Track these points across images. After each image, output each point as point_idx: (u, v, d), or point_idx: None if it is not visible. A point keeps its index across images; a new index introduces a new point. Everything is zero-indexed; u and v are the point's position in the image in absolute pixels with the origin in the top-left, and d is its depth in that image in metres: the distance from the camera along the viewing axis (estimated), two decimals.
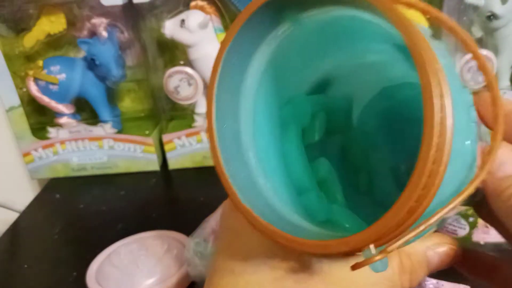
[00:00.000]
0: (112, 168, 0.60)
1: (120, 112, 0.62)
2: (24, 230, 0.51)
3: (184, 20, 0.51)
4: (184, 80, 0.55)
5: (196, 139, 0.57)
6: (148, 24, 0.55)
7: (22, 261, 0.45)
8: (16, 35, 0.58)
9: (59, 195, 0.57)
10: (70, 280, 0.41)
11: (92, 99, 0.59)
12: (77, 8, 0.56)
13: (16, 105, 0.57)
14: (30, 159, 0.60)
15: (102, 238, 0.46)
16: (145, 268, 0.38)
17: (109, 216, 0.50)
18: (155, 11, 0.55)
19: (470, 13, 0.51)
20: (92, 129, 0.58)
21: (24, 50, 0.59)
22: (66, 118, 0.59)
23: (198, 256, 0.36)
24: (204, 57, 0.54)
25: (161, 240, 0.41)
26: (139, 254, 0.39)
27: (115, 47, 0.55)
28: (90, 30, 0.55)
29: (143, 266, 0.38)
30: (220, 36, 0.54)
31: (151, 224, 0.48)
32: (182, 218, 0.48)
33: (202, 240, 0.37)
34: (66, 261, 0.44)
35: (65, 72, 0.56)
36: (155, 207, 0.51)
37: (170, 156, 0.58)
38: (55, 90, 0.57)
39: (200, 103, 0.58)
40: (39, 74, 0.56)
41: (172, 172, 0.59)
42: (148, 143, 0.58)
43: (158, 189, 0.56)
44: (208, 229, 0.38)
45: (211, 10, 0.53)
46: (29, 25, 0.57)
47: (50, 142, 0.59)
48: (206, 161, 0.59)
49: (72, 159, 0.60)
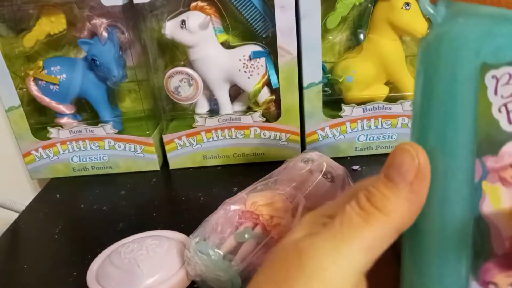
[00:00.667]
0: (112, 168, 0.60)
1: (121, 112, 0.62)
2: (24, 230, 0.51)
3: (184, 20, 0.51)
4: (185, 80, 0.55)
5: (197, 139, 0.57)
6: (148, 25, 0.55)
7: (22, 261, 0.45)
8: (16, 35, 0.58)
9: (60, 195, 0.57)
10: (70, 280, 0.41)
11: (92, 99, 0.59)
12: (77, 8, 0.56)
13: (16, 105, 0.57)
14: (30, 159, 0.60)
15: (102, 238, 0.46)
16: (145, 267, 0.38)
17: (110, 216, 0.51)
18: (155, 11, 0.55)
19: None
20: (93, 129, 0.58)
21: (24, 50, 0.59)
22: (66, 118, 0.59)
23: (198, 255, 0.36)
24: (204, 58, 0.54)
25: (161, 240, 0.41)
26: (140, 253, 0.39)
27: (116, 48, 0.55)
28: (90, 30, 0.55)
29: (143, 266, 0.38)
30: (220, 37, 0.54)
31: (151, 224, 0.48)
32: (182, 218, 0.48)
33: (202, 240, 0.37)
34: (66, 261, 0.44)
35: (65, 72, 0.57)
36: (156, 207, 0.51)
37: (170, 156, 0.59)
38: (56, 90, 0.57)
39: (200, 103, 0.58)
40: (39, 74, 0.56)
41: (172, 172, 0.59)
42: (148, 143, 0.58)
43: (158, 189, 0.56)
44: (209, 229, 0.38)
45: (211, 11, 0.53)
46: (29, 25, 0.57)
47: (50, 142, 0.59)
48: (206, 161, 0.59)
49: (72, 159, 0.60)
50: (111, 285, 0.38)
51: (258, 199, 0.40)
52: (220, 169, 0.58)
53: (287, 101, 0.54)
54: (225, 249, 0.37)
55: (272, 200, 0.40)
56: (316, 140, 0.56)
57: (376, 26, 0.53)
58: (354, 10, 0.55)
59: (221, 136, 0.57)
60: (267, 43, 0.55)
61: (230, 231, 0.38)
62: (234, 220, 0.39)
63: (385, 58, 0.54)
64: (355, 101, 0.55)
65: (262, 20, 0.54)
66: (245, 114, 0.56)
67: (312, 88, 0.53)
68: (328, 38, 0.57)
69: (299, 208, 0.39)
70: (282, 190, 0.41)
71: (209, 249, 0.36)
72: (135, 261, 0.38)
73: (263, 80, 0.55)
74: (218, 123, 0.56)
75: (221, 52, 0.54)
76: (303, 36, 0.50)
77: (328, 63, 0.58)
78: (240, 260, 0.36)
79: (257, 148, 0.58)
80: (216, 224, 0.38)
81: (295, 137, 0.56)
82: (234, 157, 0.58)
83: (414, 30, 0.51)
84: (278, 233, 0.37)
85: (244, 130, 0.56)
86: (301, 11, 0.49)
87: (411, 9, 0.51)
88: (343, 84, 0.56)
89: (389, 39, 0.53)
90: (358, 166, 0.54)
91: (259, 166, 0.57)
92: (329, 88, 0.58)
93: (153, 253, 0.39)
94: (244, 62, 0.54)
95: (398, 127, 0.55)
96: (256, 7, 0.53)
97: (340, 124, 0.55)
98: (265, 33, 0.55)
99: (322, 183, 0.41)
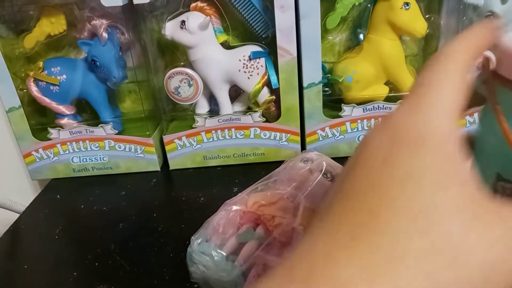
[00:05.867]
0: (113, 169, 0.60)
1: (121, 113, 0.62)
2: (25, 230, 0.51)
3: (184, 21, 0.51)
4: (185, 81, 0.55)
5: (197, 140, 0.57)
6: (148, 25, 0.55)
7: (22, 261, 0.45)
8: (16, 36, 0.58)
9: (60, 196, 0.57)
10: (70, 280, 0.41)
11: (93, 100, 0.59)
12: (77, 9, 0.56)
13: (17, 106, 0.57)
14: (31, 160, 0.60)
15: (102, 238, 0.46)
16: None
17: (110, 216, 0.51)
18: (155, 12, 0.55)
19: (469, 13, 0.51)
20: (93, 130, 0.58)
21: (25, 51, 0.59)
22: (67, 119, 0.59)
23: (201, 256, 0.36)
24: (204, 58, 0.54)
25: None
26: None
27: (116, 48, 0.55)
28: (90, 31, 0.55)
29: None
30: (220, 37, 0.54)
31: (151, 224, 0.48)
32: (182, 218, 0.48)
33: (204, 241, 0.37)
34: (66, 261, 0.44)
35: (66, 73, 0.57)
36: (156, 207, 0.51)
37: (171, 156, 0.59)
38: (56, 91, 0.57)
39: (200, 103, 0.58)
40: (40, 75, 0.56)
41: (172, 172, 0.59)
42: (148, 144, 0.58)
43: (158, 190, 0.56)
44: (211, 230, 0.38)
45: (211, 11, 0.53)
46: (30, 26, 0.57)
47: (51, 143, 0.59)
48: (206, 162, 0.59)
49: (73, 160, 0.60)
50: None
51: (259, 199, 0.40)
52: (220, 169, 0.58)
53: (287, 101, 0.54)
54: (228, 249, 0.37)
55: (273, 200, 0.40)
56: (316, 140, 0.56)
57: (375, 26, 0.53)
58: (354, 10, 0.55)
59: (221, 136, 0.57)
60: (267, 43, 0.55)
61: (232, 231, 0.38)
62: (236, 220, 0.39)
63: (385, 58, 0.54)
64: (355, 101, 0.56)
65: (262, 20, 0.54)
66: (245, 114, 0.56)
67: (312, 88, 0.53)
68: (328, 38, 0.57)
69: (300, 208, 0.39)
70: (282, 190, 0.41)
71: (212, 250, 0.36)
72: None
73: (263, 80, 0.55)
74: (218, 124, 0.56)
75: (221, 52, 0.54)
76: (303, 36, 0.50)
77: (328, 63, 0.58)
78: (243, 261, 0.35)
79: (257, 148, 0.58)
80: (217, 225, 0.38)
81: (295, 137, 0.56)
82: (234, 157, 0.58)
83: (413, 30, 0.52)
84: (280, 233, 0.37)
85: (244, 130, 0.56)
86: (301, 11, 0.49)
87: (410, 9, 0.51)
88: (343, 84, 0.56)
89: (389, 39, 0.53)
90: None
91: (259, 166, 0.57)
92: (329, 88, 0.58)
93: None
94: (244, 63, 0.54)
95: None
96: (256, 7, 0.53)
97: (340, 124, 0.55)
98: (265, 33, 0.55)
99: (322, 183, 0.41)
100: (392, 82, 0.56)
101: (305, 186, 0.41)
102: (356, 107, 0.54)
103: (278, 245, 0.36)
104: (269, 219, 0.38)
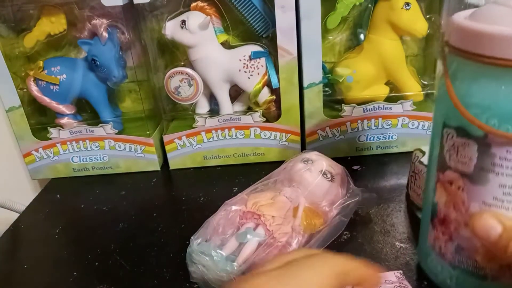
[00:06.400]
0: (113, 168, 0.60)
1: (121, 112, 0.62)
2: (25, 230, 0.51)
3: (184, 21, 0.51)
4: (185, 80, 0.55)
5: (197, 140, 0.57)
6: (148, 25, 0.55)
7: (22, 261, 0.45)
8: (16, 36, 0.58)
9: (60, 195, 0.57)
10: (70, 280, 0.41)
11: (93, 99, 0.59)
12: (77, 8, 0.56)
13: (17, 105, 0.57)
14: (31, 159, 0.60)
15: (102, 238, 0.46)
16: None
17: (110, 216, 0.50)
18: (155, 12, 0.55)
19: None
20: (93, 129, 0.58)
21: (25, 51, 0.59)
22: (67, 118, 0.59)
23: (200, 256, 0.36)
24: (204, 58, 0.54)
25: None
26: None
27: (116, 48, 0.55)
28: (90, 30, 0.55)
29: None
30: (220, 37, 0.54)
31: (151, 224, 0.48)
32: (182, 218, 0.48)
33: (204, 241, 0.37)
34: (66, 261, 0.44)
35: (66, 72, 0.57)
36: (156, 207, 0.51)
37: (171, 156, 0.59)
38: (56, 91, 0.57)
39: (201, 103, 0.58)
40: (40, 74, 0.56)
41: (172, 172, 0.59)
42: (148, 144, 0.58)
43: (158, 189, 0.56)
44: (210, 230, 0.38)
45: (211, 11, 0.53)
46: (30, 25, 0.57)
47: (51, 142, 0.59)
48: (206, 161, 0.59)
49: (73, 159, 0.60)
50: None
51: (259, 199, 0.40)
52: (220, 169, 0.58)
53: (287, 101, 0.54)
54: (227, 249, 0.37)
55: (273, 201, 0.40)
56: (316, 140, 0.56)
57: (376, 26, 0.53)
58: (354, 10, 0.55)
59: (221, 136, 0.57)
60: (267, 43, 0.55)
61: (231, 231, 0.38)
62: (235, 220, 0.39)
63: (385, 58, 0.54)
64: (355, 101, 0.55)
65: (262, 20, 0.54)
66: (245, 114, 0.56)
67: (312, 88, 0.53)
68: (328, 38, 0.57)
69: (299, 208, 0.39)
70: (282, 190, 0.41)
71: (211, 250, 0.36)
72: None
73: (263, 80, 0.55)
74: (218, 123, 0.56)
75: (221, 52, 0.54)
76: (303, 36, 0.50)
77: (328, 63, 0.58)
78: (243, 261, 0.35)
79: (257, 148, 0.58)
80: (217, 225, 0.38)
81: (295, 137, 0.56)
82: (234, 157, 0.58)
83: (414, 30, 0.52)
84: (279, 233, 0.37)
85: (244, 130, 0.56)
86: (301, 11, 0.49)
87: (411, 9, 0.51)
88: (343, 84, 0.56)
89: (389, 39, 0.53)
90: (358, 166, 0.54)
91: (259, 166, 0.57)
92: (329, 88, 0.58)
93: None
94: (244, 62, 0.54)
95: (398, 127, 0.55)
96: (256, 7, 0.53)
97: (340, 124, 0.55)
98: (265, 33, 0.55)
99: (322, 183, 0.41)
100: (392, 82, 0.56)
101: (305, 186, 0.41)
102: (356, 107, 0.54)
103: (278, 245, 0.36)
104: (268, 219, 0.38)
